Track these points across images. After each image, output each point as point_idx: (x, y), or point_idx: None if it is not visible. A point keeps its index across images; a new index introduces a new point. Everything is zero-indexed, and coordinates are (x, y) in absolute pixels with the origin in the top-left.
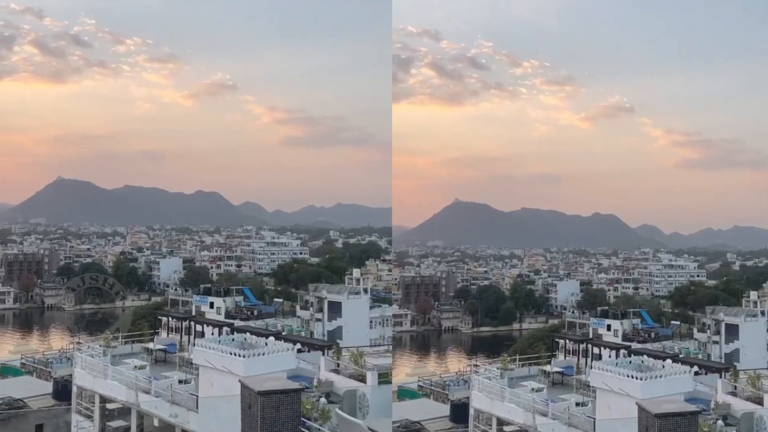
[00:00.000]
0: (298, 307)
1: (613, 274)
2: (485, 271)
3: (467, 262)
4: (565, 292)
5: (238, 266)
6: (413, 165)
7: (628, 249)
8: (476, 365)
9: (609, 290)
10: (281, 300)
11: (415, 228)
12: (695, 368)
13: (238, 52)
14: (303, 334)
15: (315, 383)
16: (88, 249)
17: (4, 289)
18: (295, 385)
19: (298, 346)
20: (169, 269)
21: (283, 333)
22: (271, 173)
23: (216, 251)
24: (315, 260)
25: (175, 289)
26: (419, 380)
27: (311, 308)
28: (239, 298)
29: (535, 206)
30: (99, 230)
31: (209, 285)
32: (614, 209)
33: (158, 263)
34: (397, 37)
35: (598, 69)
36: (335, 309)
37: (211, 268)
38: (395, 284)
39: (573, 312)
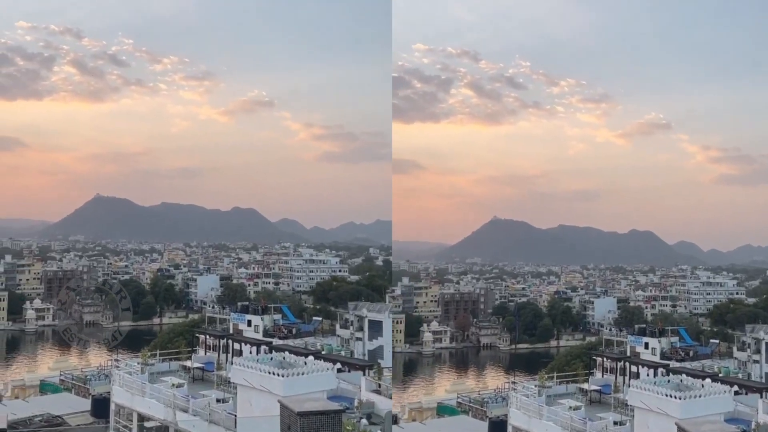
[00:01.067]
0: (337, 326)
1: (651, 291)
2: (523, 288)
3: (505, 278)
4: (603, 310)
5: (276, 284)
6: (452, 183)
7: (665, 266)
8: (514, 382)
9: (646, 308)
10: (320, 318)
11: (455, 245)
12: (735, 388)
13: (274, 69)
14: (343, 353)
15: (356, 404)
16: (126, 266)
17: (44, 306)
18: (335, 406)
19: (338, 365)
20: (206, 286)
21: (323, 352)
22: (309, 189)
23: (253, 268)
24: (354, 278)
25: (213, 307)
26: (458, 397)
27: (351, 327)
28: (277, 316)
29: (572, 223)
30: (136, 247)
31: (247, 303)
32: (651, 226)
33: (195, 280)
34: (436, 58)
35: (634, 86)
36: (376, 328)
37: (249, 285)
38: (435, 301)
39: (610, 329)
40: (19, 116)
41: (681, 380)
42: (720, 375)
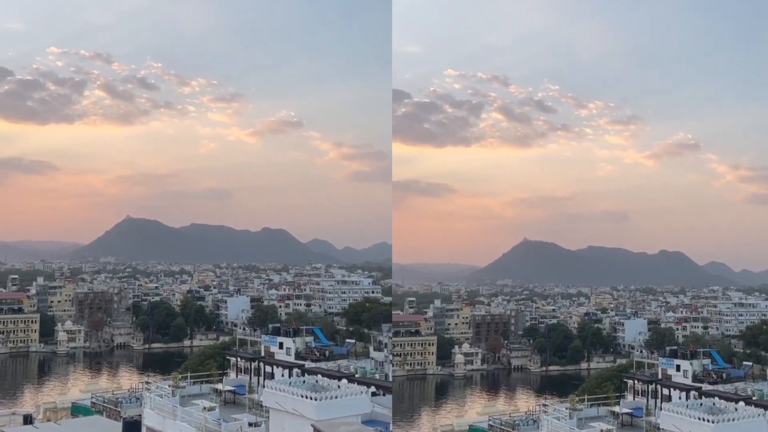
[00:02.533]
0: (371, 348)
1: (682, 312)
2: (553, 310)
3: (535, 300)
4: (633, 331)
5: (308, 305)
6: (483, 206)
7: (696, 287)
8: (545, 405)
9: (677, 329)
10: (353, 341)
11: (486, 267)
12: None
13: (302, 89)
14: (377, 376)
15: (391, 429)
16: (156, 287)
17: (75, 328)
18: (370, 430)
19: (373, 389)
20: (236, 308)
21: (357, 375)
22: (340, 209)
23: (284, 290)
24: (388, 299)
25: (244, 329)
26: (489, 419)
27: (385, 349)
28: (309, 339)
29: (601, 244)
30: (166, 268)
31: (278, 324)
32: (681, 246)
33: (225, 302)
34: (467, 83)
35: (662, 107)
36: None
37: (280, 307)
38: (466, 323)
39: (641, 351)
40: (50, 140)
41: (714, 403)
42: (754, 398)
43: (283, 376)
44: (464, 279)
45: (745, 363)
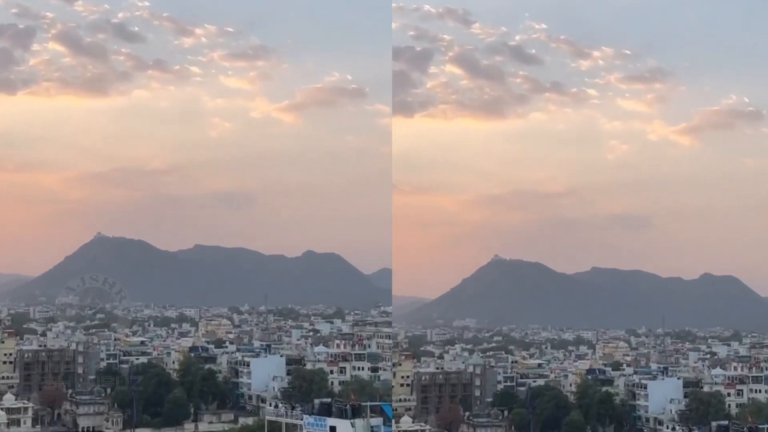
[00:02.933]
0: None
1: (735, 369)
2: (539, 365)
3: (512, 351)
4: (661, 397)
5: (374, 370)
6: (434, 206)
7: (758, 330)
8: None
9: (728, 394)
10: None
11: (437, 299)
12: None
13: (362, 44)
14: None
15: None
16: (143, 342)
17: (19, 404)
18: None
19: None
20: (264, 374)
21: None
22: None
23: (338, 346)
24: None
25: (276, 406)
26: None
27: None
28: (377, 421)
29: (611, 265)
30: (158, 314)
31: (329, 399)
32: (735, 269)
33: (248, 365)
34: (409, 21)
35: (703, 57)
36: None
37: (331, 372)
38: (407, 384)
39: (673, 429)
40: None
41: None
42: None
43: None
44: (403, 319)
45: None
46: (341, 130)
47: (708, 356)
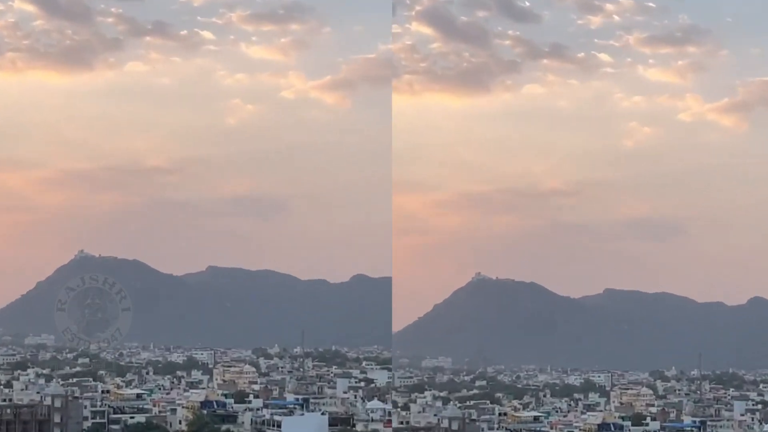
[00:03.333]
0: None
1: None
2: (536, 418)
3: (501, 399)
4: None
5: None
6: (401, 208)
7: None
8: None
9: None
10: None
11: (403, 331)
12: None
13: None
14: None
15: None
16: (140, 395)
17: None
18: None
19: None
20: None
21: None
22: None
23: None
24: None
25: None
26: None
27: None
28: None
29: (630, 286)
30: (159, 357)
31: None
32: None
33: (279, 425)
34: None
35: (751, 10)
36: None
37: None
38: None
39: None
40: None
41: None
42: None
43: None
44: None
45: None
46: (411, 112)
47: (759, 407)
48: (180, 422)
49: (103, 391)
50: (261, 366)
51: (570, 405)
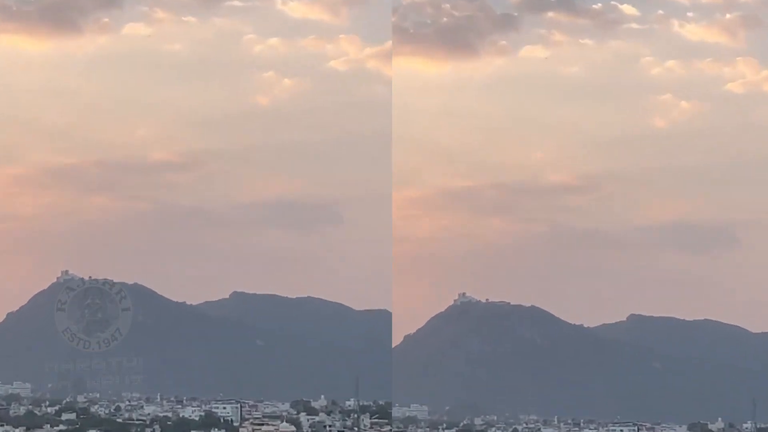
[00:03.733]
0: None
1: None
2: None
3: None
4: None
5: None
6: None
7: None
8: None
9: None
10: None
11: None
12: None
13: None
14: None
15: None
16: None
17: None
18: None
19: None
20: None
21: None
22: None
23: None
24: None
25: None
26: None
27: None
28: None
29: (661, 312)
30: (169, 412)
31: None
32: None
33: None
34: None
35: None
36: None
37: None
38: None
39: None
40: None
41: None
42: None
43: None
44: None
45: None
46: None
47: None
48: None
49: None
50: (303, 424)
51: None
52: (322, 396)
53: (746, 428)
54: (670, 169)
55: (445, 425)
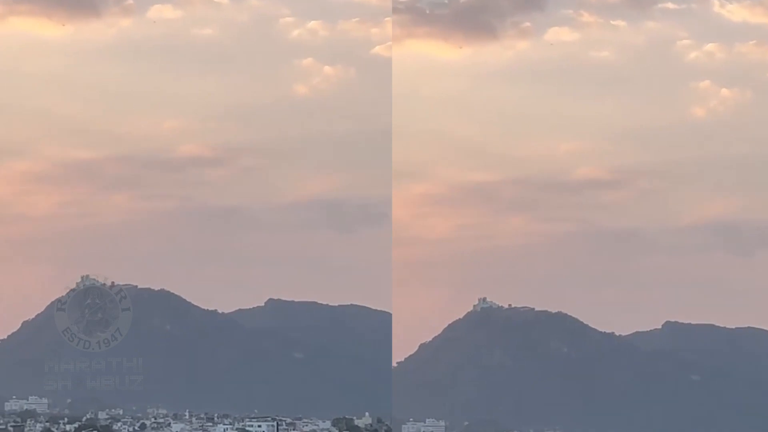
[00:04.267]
0: None
1: None
2: None
3: None
4: None
5: None
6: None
7: None
8: None
9: None
10: None
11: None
12: None
13: None
14: None
15: None
16: None
17: None
18: None
19: None
20: None
21: None
22: None
23: None
24: None
25: None
26: None
27: None
28: None
29: (701, 319)
30: (198, 429)
31: None
32: None
33: None
34: None
35: None
36: None
37: None
38: None
39: None
40: None
41: None
42: None
43: None
44: None
45: None
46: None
47: None
48: None
49: None
50: None
51: None
52: (367, 413)
53: None
54: (710, 163)
55: None
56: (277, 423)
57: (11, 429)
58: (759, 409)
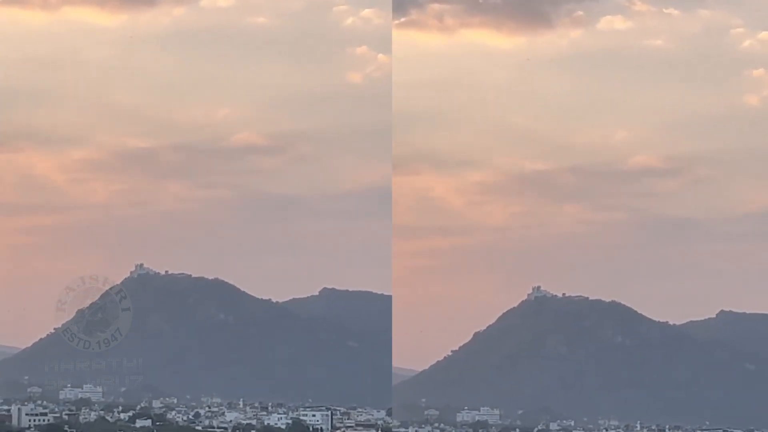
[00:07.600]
0: None
1: None
2: None
3: None
4: None
5: None
6: (423, 196)
7: None
8: None
9: None
10: None
11: (428, 370)
12: None
13: None
14: None
15: None
16: None
17: None
18: None
19: None
20: None
21: None
22: None
23: None
24: None
25: None
26: None
27: None
28: None
29: (756, 308)
30: (253, 419)
31: None
32: None
33: None
34: None
35: None
36: None
37: None
38: None
39: None
40: None
41: None
42: None
43: None
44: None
45: None
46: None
47: None
48: None
49: None
50: None
51: None
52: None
53: None
54: (765, 151)
55: (518, 430)
56: (332, 412)
57: (66, 417)
58: None
